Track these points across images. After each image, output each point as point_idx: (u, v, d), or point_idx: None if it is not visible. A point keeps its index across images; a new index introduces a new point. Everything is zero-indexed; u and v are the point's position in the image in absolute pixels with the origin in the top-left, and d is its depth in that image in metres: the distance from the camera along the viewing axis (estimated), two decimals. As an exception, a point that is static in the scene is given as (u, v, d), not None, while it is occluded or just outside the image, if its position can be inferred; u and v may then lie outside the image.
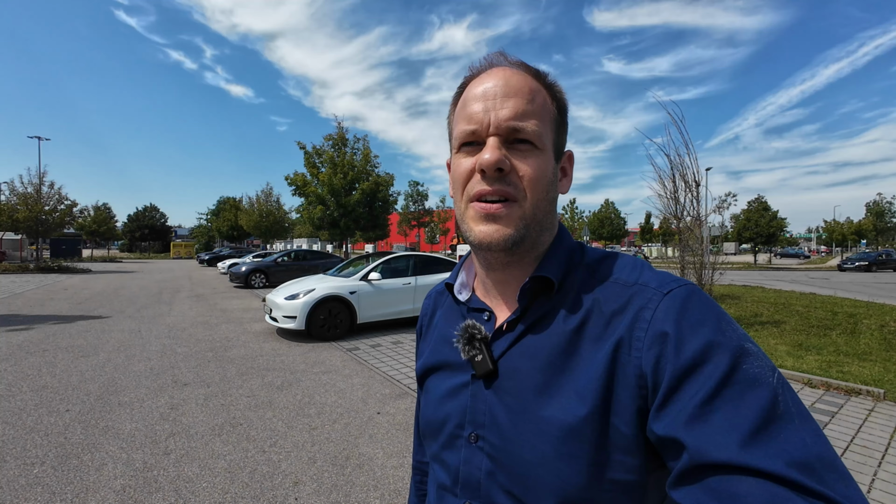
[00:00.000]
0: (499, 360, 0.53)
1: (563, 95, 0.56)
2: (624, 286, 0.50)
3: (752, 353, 0.41)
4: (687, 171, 9.63)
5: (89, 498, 2.45)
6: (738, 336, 0.42)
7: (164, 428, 3.39)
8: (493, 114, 0.50)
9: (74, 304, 10.06)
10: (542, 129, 0.51)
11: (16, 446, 3.04)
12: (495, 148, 0.49)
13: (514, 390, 0.51)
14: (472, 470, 0.53)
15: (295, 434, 3.32)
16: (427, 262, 8.28)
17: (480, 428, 0.53)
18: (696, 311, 0.44)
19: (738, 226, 35.06)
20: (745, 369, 0.39)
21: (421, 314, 0.73)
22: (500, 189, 0.50)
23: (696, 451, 0.37)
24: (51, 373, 4.75)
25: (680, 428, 0.39)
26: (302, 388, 4.39)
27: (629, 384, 0.44)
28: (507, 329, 0.54)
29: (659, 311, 0.45)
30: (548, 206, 0.53)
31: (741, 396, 0.38)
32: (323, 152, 16.82)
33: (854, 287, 16.22)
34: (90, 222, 38.41)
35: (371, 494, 2.54)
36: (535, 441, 0.47)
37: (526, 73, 0.53)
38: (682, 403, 0.40)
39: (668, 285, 0.47)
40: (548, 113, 0.52)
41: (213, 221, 47.43)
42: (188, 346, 6.07)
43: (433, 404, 0.60)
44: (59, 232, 24.43)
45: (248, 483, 2.63)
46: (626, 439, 0.44)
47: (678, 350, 0.41)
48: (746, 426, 0.36)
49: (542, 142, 0.51)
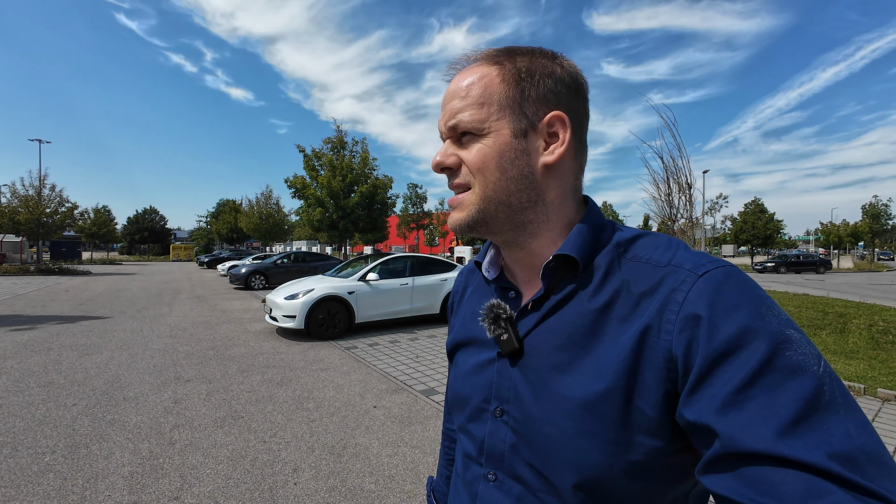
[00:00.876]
0: (524, 338, 0.54)
1: (526, 63, 0.53)
2: (656, 266, 0.48)
3: (795, 340, 0.39)
4: (680, 174, 9.81)
5: (99, 483, 2.59)
6: (779, 321, 0.40)
7: (169, 420, 3.53)
8: (441, 123, 0.56)
9: (76, 304, 10.18)
10: (480, 114, 0.51)
11: (27, 437, 3.18)
12: (440, 151, 0.55)
13: (537, 368, 0.51)
14: (496, 442, 0.55)
15: (294, 426, 3.45)
16: (424, 263, 8.42)
17: (505, 403, 0.54)
18: (732, 293, 0.42)
19: (735, 228, 35.25)
20: (787, 356, 0.38)
21: (452, 291, 0.76)
22: (453, 183, 0.55)
23: (729, 438, 0.37)
24: (56, 370, 4.88)
25: (712, 414, 0.38)
26: (301, 383, 4.53)
27: (657, 367, 0.43)
28: (532, 308, 0.55)
29: (692, 294, 0.43)
30: (512, 184, 0.52)
31: (780, 385, 0.37)
32: (322, 155, 17.01)
33: (848, 288, 16.39)
34: (90, 225, 38.54)
35: (366, 479, 2.68)
36: (556, 417, 0.48)
37: (473, 66, 0.54)
38: (714, 389, 0.39)
39: (703, 266, 0.45)
40: (493, 93, 0.52)
41: (212, 224, 47.59)
42: (189, 345, 6.20)
43: (461, 378, 0.62)
44: (59, 234, 24.55)
45: (250, 469, 2.77)
46: (651, 422, 0.44)
47: (711, 334, 0.40)
48: (785, 415, 0.35)
49: (483, 126, 0.51)
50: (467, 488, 0.59)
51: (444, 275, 8.42)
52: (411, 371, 5.05)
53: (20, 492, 2.48)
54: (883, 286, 17.81)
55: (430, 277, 8.20)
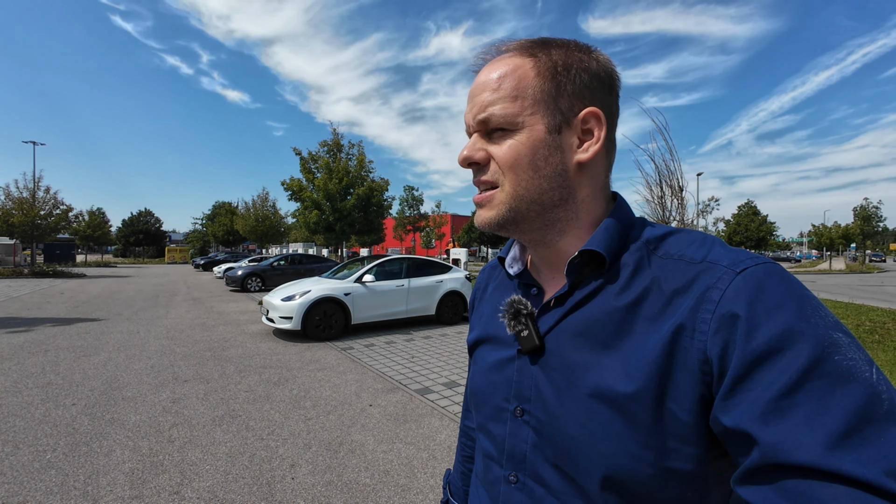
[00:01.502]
0: (545, 335, 0.52)
1: (562, 56, 0.51)
2: (689, 263, 0.46)
3: (844, 344, 0.36)
4: (672, 178, 9.97)
5: (100, 478, 2.65)
6: (826, 323, 0.37)
7: (168, 419, 3.59)
8: (469, 116, 0.53)
9: (71, 307, 10.18)
10: (513, 108, 0.49)
11: (27, 436, 3.23)
12: (468, 146, 0.53)
13: (560, 366, 0.50)
14: (517, 443, 0.53)
15: (291, 424, 3.52)
16: (420, 264, 8.51)
17: (526, 402, 0.52)
18: (774, 292, 0.39)
19: (728, 230, 35.60)
20: (836, 361, 0.35)
21: (474, 287, 0.74)
22: (480, 180, 0.53)
23: (771, 448, 0.34)
24: (54, 371, 4.91)
25: (752, 421, 0.36)
26: (298, 383, 4.60)
27: (691, 370, 0.41)
28: (554, 304, 0.53)
29: (729, 292, 0.41)
30: (545, 182, 0.50)
31: (829, 391, 0.34)
32: (318, 158, 17.07)
33: (838, 290, 16.62)
34: (84, 227, 38.31)
35: (362, 474, 2.76)
36: (581, 418, 0.46)
37: (505, 57, 0.52)
38: (754, 394, 0.36)
39: (742, 263, 0.43)
40: (527, 87, 0.50)
41: (208, 226, 47.44)
42: (187, 346, 6.24)
43: (480, 375, 0.61)
44: (53, 237, 24.43)
45: (248, 465, 2.84)
46: (685, 427, 0.41)
47: (749, 335, 0.38)
48: (835, 425, 0.32)
49: (516, 120, 0.50)
50: (488, 490, 0.57)
51: (440, 276, 8.51)
52: (406, 371, 5.13)
53: (23, 487, 2.54)
54: (873, 287, 18.08)
55: (426, 279, 8.28)
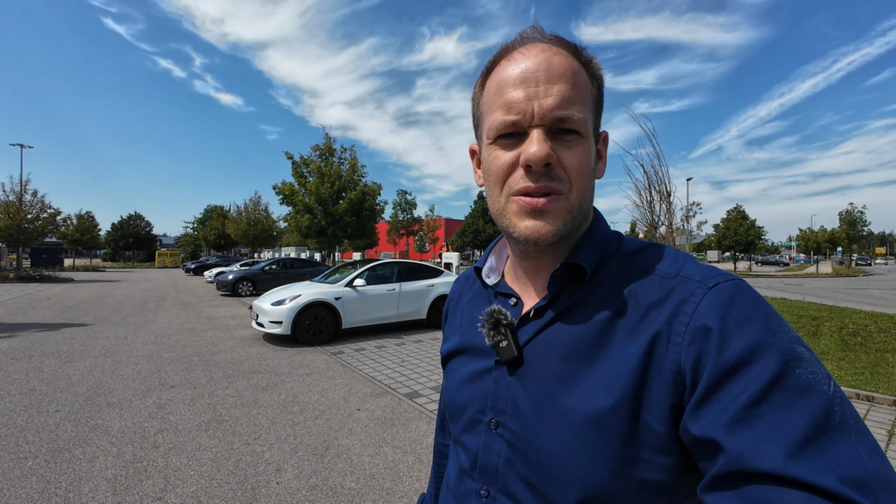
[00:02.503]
0: (524, 346, 0.52)
1: (601, 71, 0.51)
2: (664, 277, 0.47)
3: (805, 358, 0.38)
4: (661, 183, 10.12)
5: (82, 486, 2.63)
6: (789, 338, 0.39)
7: (153, 425, 3.56)
8: (537, 103, 0.46)
9: (58, 312, 10.03)
10: (586, 114, 0.48)
11: (8, 442, 3.19)
12: (542, 141, 0.46)
13: (538, 378, 0.49)
14: (490, 456, 0.52)
15: (278, 429, 3.51)
16: (411, 269, 8.52)
17: (501, 415, 0.52)
18: (743, 307, 0.41)
19: (717, 234, 36.08)
20: (797, 374, 0.37)
21: (448, 298, 0.73)
22: (545, 185, 0.47)
23: (736, 456, 0.35)
24: (38, 377, 4.85)
25: (720, 430, 0.37)
26: (286, 388, 4.58)
27: (665, 380, 0.42)
28: (534, 316, 0.53)
29: (702, 305, 0.42)
30: (590, 195, 0.51)
31: (791, 402, 0.36)
32: (311, 162, 17.07)
33: (824, 293, 16.90)
34: (73, 231, 37.78)
35: (347, 478, 2.76)
36: (559, 431, 0.46)
37: (566, 52, 0.49)
38: (722, 404, 0.38)
39: (714, 279, 0.44)
40: (589, 95, 0.49)
41: (199, 230, 47.01)
42: (175, 352, 6.19)
43: (455, 387, 0.60)
44: (40, 241, 24.05)
45: (233, 471, 2.83)
46: (658, 438, 0.42)
47: (721, 347, 0.39)
48: (796, 435, 0.34)
49: (587, 129, 0.48)
50: (458, 503, 0.57)
51: (431, 280, 8.53)
52: (396, 375, 5.13)
53: (3, 495, 2.50)
54: (857, 290, 18.42)
55: (417, 283, 8.30)
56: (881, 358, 5.61)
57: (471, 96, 0.57)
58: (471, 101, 0.57)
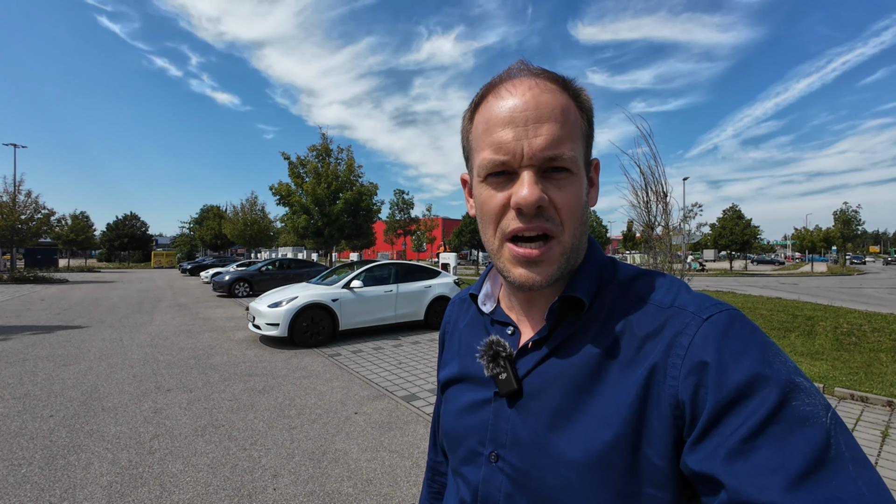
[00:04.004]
0: (523, 378, 0.51)
1: (590, 102, 0.51)
2: (659, 308, 0.47)
3: (804, 388, 0.38)
4: (657, 183, 10.16)
5: (77, 493, 2.61)
6: (787, 369, 0.39)
7: (148, 430, 3.54)
8: (527, 143, 0.45)
9: (52, 314, 9.95)
10: (576, 151, 0.47)
11: (2, 449, 3.16)
12: (532, 185, 0.45)
13: (538, 411, 0.49)
14: (491, 490, 0.52)
15: (275, 433, 3.50)
16: (409, 270, 8.52)
17: (501, 448, 0.51)
18: (738, 339, 0.41)
19: (714, 233, 36.26)
20: (795, 406, 0.37)
21: (443, 321, 0.72)
22: (538, 225, 0.47)
23: (735, 490, 0.35)
24: (32, 381, 4.81)
25: (718, 464, 0.37)
26: (283, 391, 4.57)
27: (664, 414, 0.42)
28: (532, 347, 0.52)
29: (698, 338, 0.42)
30: (583, 230, 0.51)
31: (788, 435, 0.36)
32: (307, 163, 17.01)
33: (819, 292, 17.02)
34: (67, 231, 37.50)
35: (345, 484, 2.76)
36: (559, 466, 0.46)
37: (554, 86, 0.48)
38: (721, 438, 0.38)
39: (707, 310, 0.44)
40: (579, 129, 0.49)
41: (195, 230, 46.78)
42: (171, 354, 6.15)
43: (453, 416, 0.59)
44: (34, 241, 23.85)
45: (230, 476, 2.82)
46: (659, 472, 0.42)
47: (720, 381, 0.39)
48: (793, 468, 0.34)
49: (577, 165, 0.48)
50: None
51: (429, 281, 8.52)
52: (393, 377, 5.13)
53: (-4, 503, 2.48)
54: (852, 289, 18.55)
55: (415, 284, 8.29)
56: (875, 358, 5.65)
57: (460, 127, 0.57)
58: (460, 132, 0.57)
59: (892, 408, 4.00)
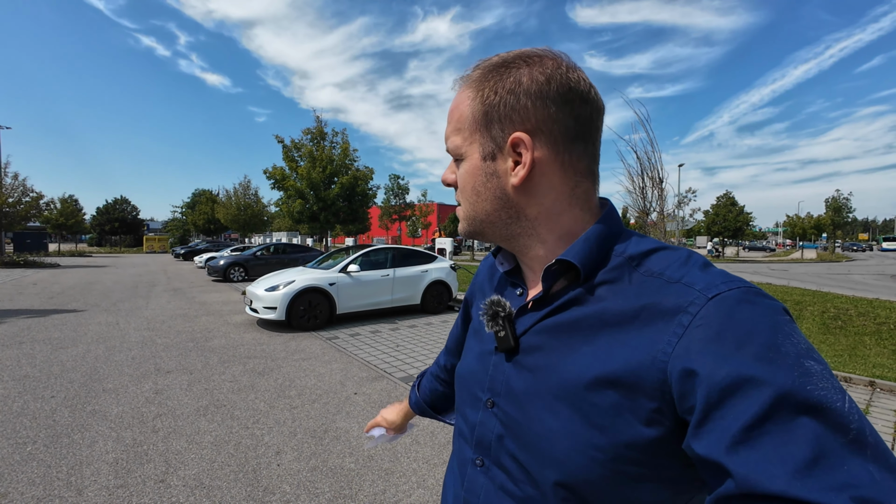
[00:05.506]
0: (521, 336, 0.55)
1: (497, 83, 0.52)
2: (666, 282, 0.46)
3: (815, 372, 0.36)
4: (653, 169, 10.18)
5: (84, 469, 2.66)
6: (798, 351, 0.37)
7: (151, 410, 3.59)
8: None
9: (46, 298, 9.89)
10: (458, 139, 0.56)
11: (5, 428, 3.19)
12: (447, 169, 0.61)
13: (531, 366, 0.53)
14: (485, 431, 0.58)
15: (276, 412, 3.57)
16: (405, 254, 8.54)
17: (497, 396, 0.57)
18: (745, 319, 0.39)
19: (707, 220, 36.53)
20: (808, 390, 0.35)
21: (476, 272, 0.81)
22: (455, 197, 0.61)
23: (742, 478, 0.35)
24: (30, 363, 4.82)
25: (723, 452, 0.36)
26: (283, 373, 4.63)
27: (650, 387, 0.43)
28: (532, 307, 0.56)
29: (699, 318, 0.41)
30: (488, 205, 0.55)
31: (796, 420, 0.34)
32: (301, 146, 16.78)
33: (808, 278, 17.33)
34: (56, 215, 36.89)
35: (346, 460, 2.83)
36: (545, 416, 0.49)
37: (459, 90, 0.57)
38: (725, 423, 0.37)
39: (715, 287, 0.43)
40: (469, 118, 0.54)
41: (188, 215, 46.26)
42: (168, 337, 6.18)
43: (465, 362, 0.67)
44: (23, 225, 23.50)
45: (234, 453, 2.88)
46: (638, 437, 0.44)
47: (719, 364, 0.38)
48: (802, 454, 0.33)
49: (461, 151, 0.56)
50: (459, 469, 0.63)
51: (425, 266, 8.56)
52: (391, 360, 5.20)
53: (3, 479, 2.53)
54: (840, 275, 18.90)
55: (412, 269, 8.33)
56: (859, 341, 5.83)
57: None
58: None
59: (873, 387, 4.16)
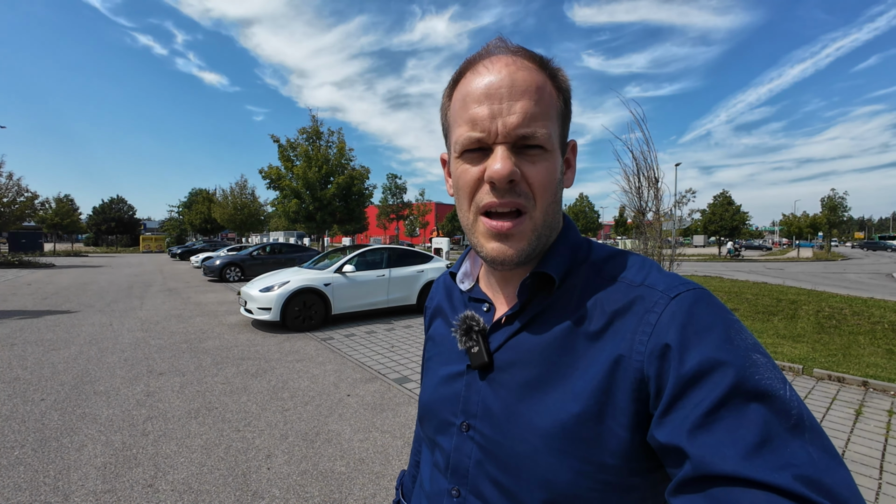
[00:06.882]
0: (495, 352, 0.53)
1: (568, 83, 0.52)
2: (629, 286, 0.49)
3: (761, 364, 0.40)
4: (649, 169, 10.17)
5: (71, 474, 2.63)
6: (746, 346, 0.41)
7: (141, 413, 3.56)
8: (501, 121, 0.46)
9: (40, 299, 9.82)
10: (550, 129, 0.48)
11: (-7, 432, 3.16)
12: (506, 158, 0.46)
13: (508, 383, 0.51)
14: (461, 458, 0.54)
15: (268, 415, 3.54)
16: (401, 254, 8.51)
17: (472, 418, 0.54)
18: (703, 317, 0.43)
19: (703, 219, 36.63)
20: (757, 380, 0.39)
21: (428, 298, 0.75)
22: (510, 201, 0.48)
23: (699, 461, 0.37)
24: (21, 365, 4.78)
25: (683, 437, 0.39)
26: (276, 374, 4.60)
27: (628, 388, 0.44)
28: (505, 322, 0.54)
29: (664, 316, 0.44)
30: (556, 208, 0.52)
31: (747, 407, 0.38)
32: (297, 145, 16.71)
33: (804, 277, 17.39)
34: (52, 215, 36.70)
35: (337, 463, 2.82)
36: (527, 435, 0.48)
37: (531, 64, 0.49)
38: (685, 412, 0.39)
39: (675, 289, 0.46)
40: (554, 108, 0.49)
41: (184, 214, 46.07)
42: (162, 339, 6.14)
43: (430, 388, 0.62)
44: (18, 225, 23.34)
45: (224, 457, 2.86)
46: (622, 443, 0.44)
47: (682, 358, 0.41)
48: (750, 438, 0.36)
49: (552, 143, 0.48)
50: (430, 502, 0.59)
51: (421, 266, 8.54)
52: (386, 360, 5.18)
53: (-10, 485, 2.50)
54: (836, 274, 18.97)
55: (407, 269, 8.31)
56: (853, 340, 5.84)
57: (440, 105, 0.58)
58: (440, 110, 0.57)
59: (866, 387, 4.16)
